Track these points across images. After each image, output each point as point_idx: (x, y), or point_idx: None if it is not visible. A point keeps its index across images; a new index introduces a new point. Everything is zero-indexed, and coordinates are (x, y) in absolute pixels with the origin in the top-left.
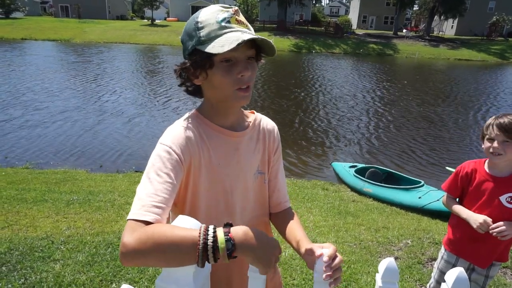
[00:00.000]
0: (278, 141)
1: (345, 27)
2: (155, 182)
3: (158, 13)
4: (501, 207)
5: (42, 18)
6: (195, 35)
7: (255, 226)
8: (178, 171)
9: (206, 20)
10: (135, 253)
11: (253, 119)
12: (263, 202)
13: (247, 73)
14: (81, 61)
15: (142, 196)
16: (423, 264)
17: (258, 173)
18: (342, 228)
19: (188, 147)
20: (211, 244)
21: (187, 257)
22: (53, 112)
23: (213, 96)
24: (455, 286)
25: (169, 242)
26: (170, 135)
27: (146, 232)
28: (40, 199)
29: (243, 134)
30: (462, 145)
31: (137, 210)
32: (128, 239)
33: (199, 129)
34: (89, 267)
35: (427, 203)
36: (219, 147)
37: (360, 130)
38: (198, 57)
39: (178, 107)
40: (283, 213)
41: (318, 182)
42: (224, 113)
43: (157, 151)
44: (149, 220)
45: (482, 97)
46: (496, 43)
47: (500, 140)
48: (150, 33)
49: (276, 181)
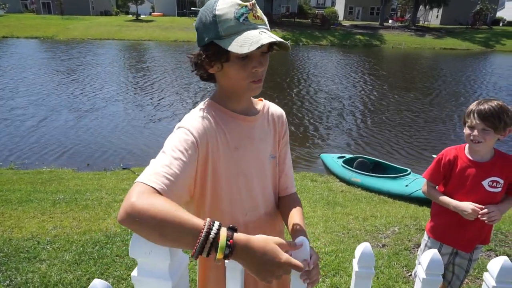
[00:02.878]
0: (286, 126)
1: (331, 19)
2: (170, 157)
3: (142, 8)
4: (485, 192)
5: (23, 15)
6: (212, 29)
7: (271, 213)
8: (192, 153)
9: (224, 15)
10: (140, 216)
11: (262, 106)
12: (276, 188)
13: (261, 68)
14: (64, 58)
15: (155, 166)
16: (410, 251)
17: (271, 157)
18: (331, 218)
19: (205, 132)
20: (212, 240)
21: (185, 240)
22: (37, 111)
23: (226, 85)
24: (430, 267)
25: (174, 220)
26: (188, 120)
27: (155, 201)
28: (26, 200)
29: (255, 119)
30: (446, 132)
31: (149, 175)
32: (138, 201)
33: (214, 115)
34: (76, 266)
35: (414, 190)
36: (234, 130)
37: (348, 121)
38: (215, 50)
39: (171, 103)
40: (288, 198)
41: (307, 174)
42: (236, 100)
43: (175, 133)
44: (158, 188)
45: (467, 85)
46: (481, 32)
47: (480, 128)
48: (135, 28)
49: (284, 166)
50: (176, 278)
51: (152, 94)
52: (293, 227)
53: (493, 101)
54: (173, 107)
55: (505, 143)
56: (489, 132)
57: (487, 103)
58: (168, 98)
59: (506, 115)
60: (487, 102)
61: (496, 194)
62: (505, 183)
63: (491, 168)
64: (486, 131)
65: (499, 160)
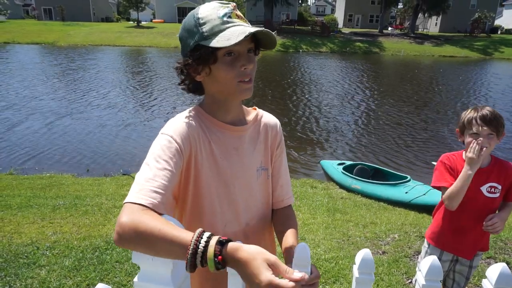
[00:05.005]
0: (281, 136)
1: (331, 26)
2: (154, 168)
3: (143, 14)
4: (483, 197)
5: (25, 21)
6: (197, 31)
7: (260, 225)
8: (177, 160)
9: (207, 16)
10: (130, 236)
11: (255, 115)
12: (268, 200)
13: (250, 66)
14: (65, 64)
15: (140, 181)
16: (410, 258)
17: (262, 169)
18: (331, 225)
19: (189, 138)
20: (201, 254)
21: (177, 256)
22: (39, 117)
23: (216, 90)
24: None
25: (162, 237)
26: (171, 126)
27: (141, 219)
28: (25, 205)
29: (244, 129)
30: (446, 139)
31: (135, 193)
32: (126, 220)
33: (200, 122)
34: (75, 271)
35: (414, 197)
36: (219, 140)
37: (347, 128)
38: (202, 52)
39: (172, 108)
40: (283, 213)
41: (307, 181)
42: (225, 109)
43: (158, 140)
44: (146, 204)
45: (466, 92)
46: (479, 40)
47: (486, 133)
48: (136, 35)
49: (279, 177)
50: (179, 285)
51: (153, 100)
52: (285, 251)
53: (487, 107)
54: (175, 112)
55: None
56: (493, 137)
57: (485, 109)
58: (169, 103)
59: (502, 119)
60: (483, 108)
61: (494, 200)
62: (502, 188)
63: (489, 174)
64: (491, 136)
65: (496, 166)
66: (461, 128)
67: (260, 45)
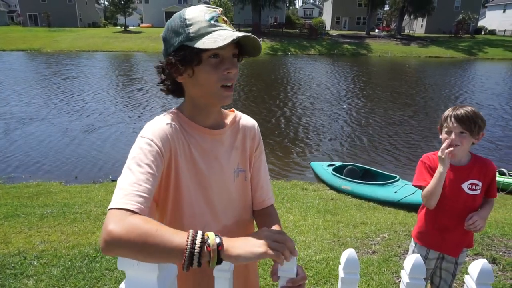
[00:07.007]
0: (259, 138)
1: (319, 29)
2: (137, 173)
3: (131, 19)
4: (465, 194)
5: (9, 27)
6: (182, 32)
7: (239, 226)
8: (159, 163)
9: (194, 18)
10: (120, 242)
11: (232, 117)
12: (246, 202)
13: (233, 70)
14: (50, 70)
15: (124, 186)
16: (399, 257)
17: (239, 171)
18: (321, 226)
19: (168, 141)
20: (198, 254)
21: (172, 259)
22: (24, 125)
23: (196, 93)
24: (413, 271)
25: (157, 240)
26: (150, 129)
27: (134, 223)
28: (12, 214)
29: (222, 132)
30: (433, 139)
31: (120, 199)
32: (115, 227)
33: (179, 125)
34: (64, 281)
35: (403, 197)
36: (198, 144)
37: (337, 129)
38: (186, 52)
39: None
40: (265, 213)
41: (297, 182)
42: (205, 113)
43: (138, 144)
44: (133, 209)
45: (452, 92)
46: (463, 40)
47: (457, 131)
48: (123, 40)
49: (258, 178)
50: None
51: (142, 105)
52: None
53: (467, 107)
54: None
55: None
56: (465, 136)
57: (462, 108)
58: (158, 109)
59: (480, 119)
60: (462, 107)
61: (476, 197)
62: (483, 185)
63: (470, 172)
64: (463, 134)
65: (476, 164)
66: (440, 125)
67: (244, 52)
